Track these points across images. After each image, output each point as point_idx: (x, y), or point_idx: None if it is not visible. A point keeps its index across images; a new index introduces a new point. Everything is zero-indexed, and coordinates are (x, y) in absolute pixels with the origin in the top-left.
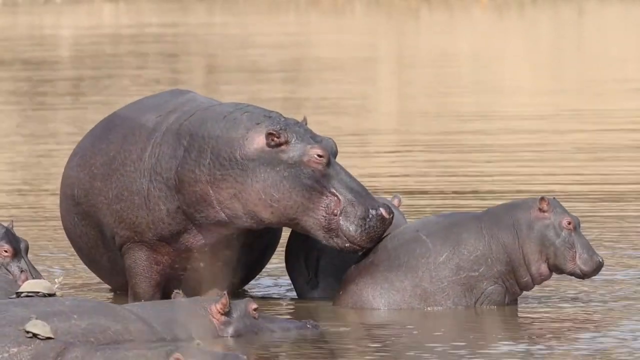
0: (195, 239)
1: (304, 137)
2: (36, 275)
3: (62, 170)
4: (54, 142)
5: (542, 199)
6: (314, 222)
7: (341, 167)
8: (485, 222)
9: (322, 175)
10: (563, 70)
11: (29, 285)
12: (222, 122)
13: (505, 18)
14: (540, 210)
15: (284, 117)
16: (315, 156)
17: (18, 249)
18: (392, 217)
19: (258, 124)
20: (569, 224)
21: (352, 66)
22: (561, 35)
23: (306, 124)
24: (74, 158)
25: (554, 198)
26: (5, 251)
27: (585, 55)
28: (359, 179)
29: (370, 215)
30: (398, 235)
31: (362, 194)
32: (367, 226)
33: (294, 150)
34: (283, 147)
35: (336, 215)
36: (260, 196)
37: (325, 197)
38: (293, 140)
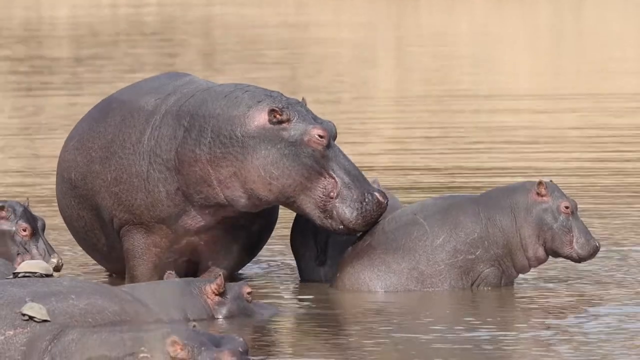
0: (193, 222)
1: (306, 116)
2: (54, 254)
3: (58, 153)
4: (50, 124)
5: (540, 183)
6: (310, 201)
7: (340, 150)
8: (482, 205)
9: (322, 156)
10: (562, 52)
11: (27, 266)
12: (223, 100)
13: (504, 1)
14: (538, 194)
15: (286, 97)
16: (317, 136)
17: (36, 228)
18: (387, 202)
19: (259, 101)
20: (567, 208)
21: (351, 47)
22: (560, 18)
23: (305, 104)
24: (70, 141)
25: (551, 181)
26: (24, 230)
27: (584, 37)
28: (357, 159)
29: (367, 199)
30: (396, 217)
31: (358, 178)
32: (363, 209)
33: (295, 129)
34: (285, 125)
35: (332, 197)
36: (259, 173)
37: (323, 178)
38: (295, 119)
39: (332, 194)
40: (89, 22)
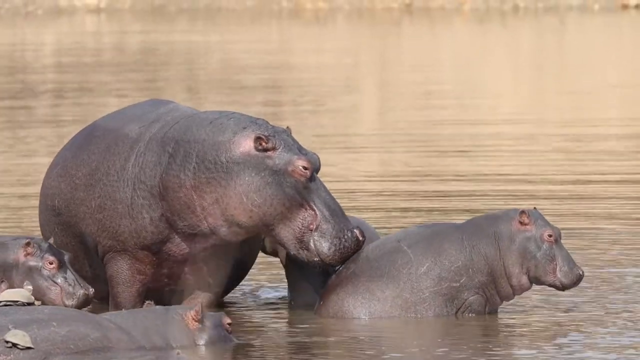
0: (177, 249)
1: (292, 146)
2: (84, 285)
3: (41, 181)
4: (33, 154)
5: (523, 212)
6: (288, 231)
7: (322, 183)
8: (466, 233)
9: (304, 187)
10: (544, 76)
11: (8, 294)
12: (209, 126)
13: (486, 28)
14: (521, 223)
15: (271, 125)
16: (301, 167)
17: (63, 261)
18: (364, 240)
19: (245, 128)
20: (550, 236)
21: (334, 74)
22: (542, 44)
23: (290, 133)
24: (54, 169)
25: (535, 209)
26: (51, 263)
27: (566, 62)
28: (340, 185)
29: (346, 236)
30: (380, 245)
31: (338, 213)
32: (340, 245)
33: (280, 158)
34: (270, 153)
35: (311, 229)
36: (241, 199)
37: (303, 210)
38: (280, 147)
39: (311, 226)
40: (73, 54)
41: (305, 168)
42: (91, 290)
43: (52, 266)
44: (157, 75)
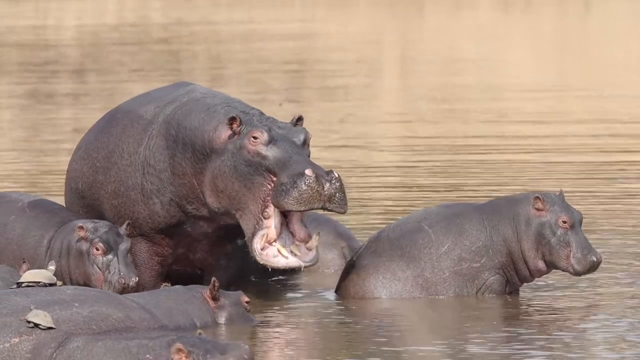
0: (191, 230)
1: (256, 125)
2: (125, 274)
3: (61, 164)
4: (55, 137)
5: (537, 197)
6: (249, 214)
7: (289, 145)
8: (487, 214)
9: (262, 158)
10: (566, 57)
11: (30, 275)
12: (204, 113)
13: (510, 11)
14: (536, 209)
15: (262, 115)
16: (251, 138)
17: (112, 248)
18: (330, 177)
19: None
20: (565, 222)
21: (357, 54)
22: (566, 27)
23: (299, 119)
24: (77, 152)
25: (560, 191)
26: (97, 249)
27: (589, 42)
28: (362, 162)
29: (296, 180)
30: (401, 225)
31: (297, 160)
32: (296, 191)
33: (239, 139)
34: (234, 137)
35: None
36: (212, 187)
37: (266, 183)
38: (244, 129)
39: (267, 198)
40: (95, 36)
41: (254, 137)
42: (133, 280)
43: (97, 252)
44: (180, 59)
